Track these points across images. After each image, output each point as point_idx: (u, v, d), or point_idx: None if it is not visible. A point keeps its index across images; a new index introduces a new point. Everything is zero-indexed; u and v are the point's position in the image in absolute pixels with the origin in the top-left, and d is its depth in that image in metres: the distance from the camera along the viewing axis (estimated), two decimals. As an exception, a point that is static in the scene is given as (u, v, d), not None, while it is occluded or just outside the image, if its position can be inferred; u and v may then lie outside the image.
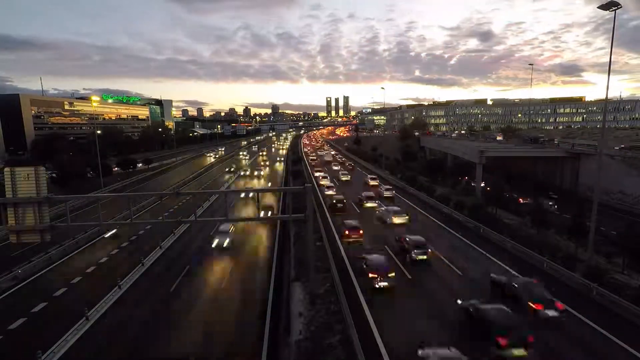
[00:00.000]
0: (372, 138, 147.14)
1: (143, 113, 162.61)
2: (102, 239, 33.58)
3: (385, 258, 21.97)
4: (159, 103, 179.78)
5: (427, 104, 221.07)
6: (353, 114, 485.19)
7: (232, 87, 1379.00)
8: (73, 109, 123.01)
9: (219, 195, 46.49)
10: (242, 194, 49.58)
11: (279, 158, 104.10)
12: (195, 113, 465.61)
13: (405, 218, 33.06)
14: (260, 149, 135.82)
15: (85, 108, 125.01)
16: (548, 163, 66.87)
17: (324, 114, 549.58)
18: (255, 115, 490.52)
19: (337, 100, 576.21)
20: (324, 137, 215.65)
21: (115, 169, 73.11)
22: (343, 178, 57.85)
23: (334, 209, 37.55)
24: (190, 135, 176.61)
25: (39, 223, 18.77)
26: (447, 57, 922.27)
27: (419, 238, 25.22)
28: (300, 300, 19.76)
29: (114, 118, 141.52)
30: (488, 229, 29.83)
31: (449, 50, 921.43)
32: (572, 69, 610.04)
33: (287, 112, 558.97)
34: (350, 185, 53.53)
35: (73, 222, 23.35)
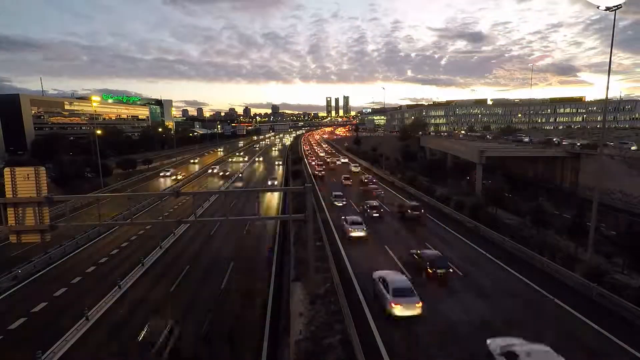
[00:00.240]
0: (372, 138, 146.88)
1: (143, 113, 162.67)
2: (102, 239, 33.55)
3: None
4: (159, 103, 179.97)
5: (427, 104, 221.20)
6: (353, 114, 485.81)
7: (228, 87, 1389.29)
8: (73, 109, 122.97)
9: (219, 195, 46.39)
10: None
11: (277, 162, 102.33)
12: (196, 113, 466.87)
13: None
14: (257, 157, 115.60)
15: (85, 108, 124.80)
16: (548, 163, 67.00)
17: (324, 114, 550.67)
18: (256, 115, 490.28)
19: (337, 100, 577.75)
20: (327, 138, 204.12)
21: (115, 169, 72.96)
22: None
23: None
24: (190, 135, 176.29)
25: (39, 223, 18.78)
26: (437, 57, 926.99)
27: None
28: (301, 300, 19.74)
29: (114, 118, 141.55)
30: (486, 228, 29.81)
31: (439, 51, 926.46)
32: (567, 70, 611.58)
33: (286, 112, 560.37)
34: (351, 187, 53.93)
35: (73, 222, 23.32)
